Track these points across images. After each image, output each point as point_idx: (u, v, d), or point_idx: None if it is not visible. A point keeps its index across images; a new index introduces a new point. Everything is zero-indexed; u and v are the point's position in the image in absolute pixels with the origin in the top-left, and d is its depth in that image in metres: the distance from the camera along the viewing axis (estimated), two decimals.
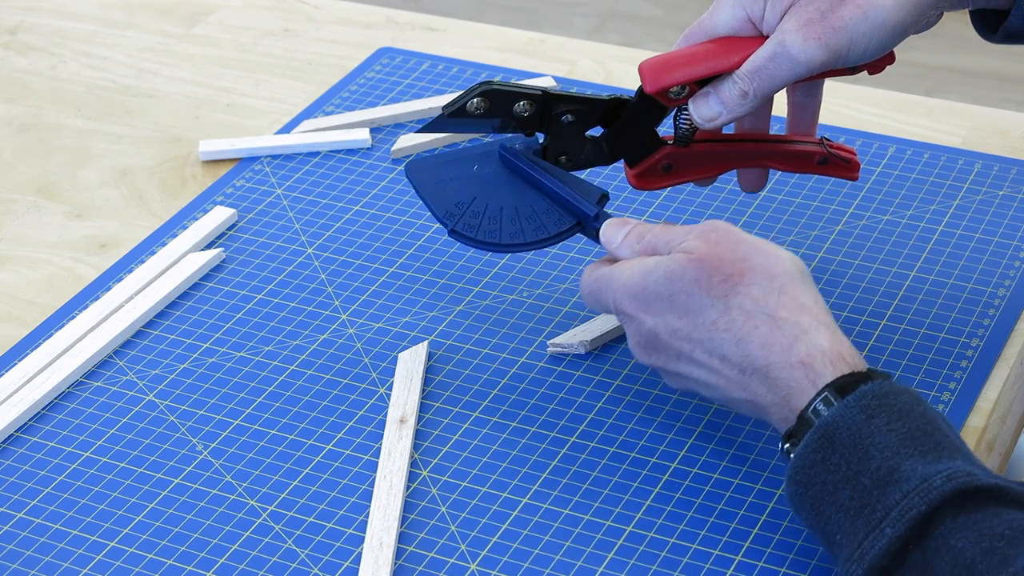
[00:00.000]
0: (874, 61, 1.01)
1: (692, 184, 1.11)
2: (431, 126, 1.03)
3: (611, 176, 1.20)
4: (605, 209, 1.00)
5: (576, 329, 1.08)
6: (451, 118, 1.02)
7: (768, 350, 0.90)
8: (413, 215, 1.19)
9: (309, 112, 1.31)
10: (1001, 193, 1.19)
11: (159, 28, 1.44)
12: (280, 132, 1.29)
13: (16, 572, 0.94)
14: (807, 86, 1.07)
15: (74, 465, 1.00)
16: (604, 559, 0.92)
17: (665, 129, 1.05)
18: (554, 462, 0.99)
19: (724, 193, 1.19)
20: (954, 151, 1.23)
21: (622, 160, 1.06)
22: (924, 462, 0.83)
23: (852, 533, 0.83)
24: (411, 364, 1.05)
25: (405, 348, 1.07)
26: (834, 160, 1.07)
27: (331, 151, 1.27)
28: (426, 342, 1.07)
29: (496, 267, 1.14)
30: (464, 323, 1.09)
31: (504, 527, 0.95)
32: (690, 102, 1.01)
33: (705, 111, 1.01)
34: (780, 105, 1.12)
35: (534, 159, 1.03)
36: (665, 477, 0.97)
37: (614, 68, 1.35)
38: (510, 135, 1.04)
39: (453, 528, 0.95)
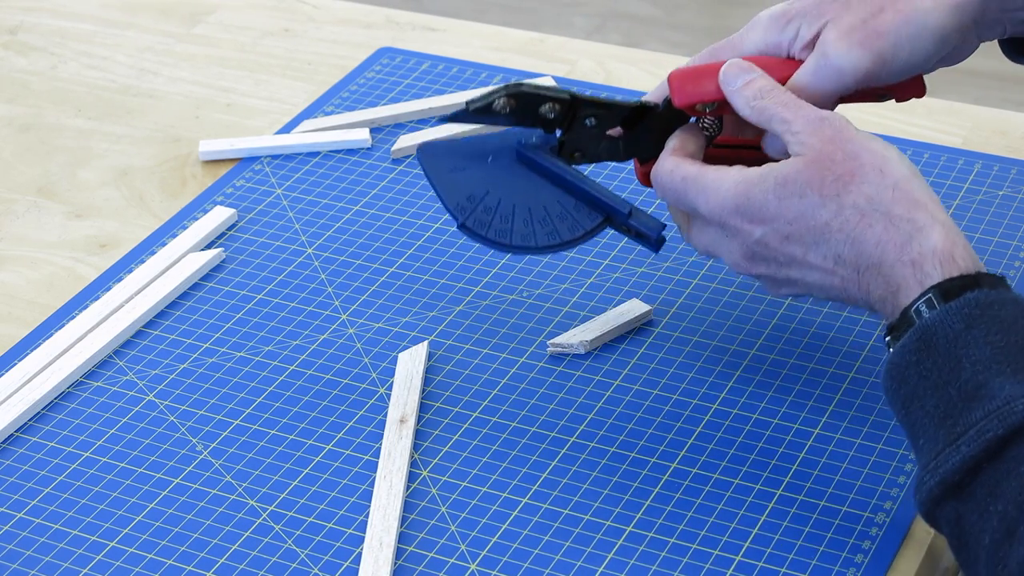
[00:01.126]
0: (904, 85, 1.01)
1: None
2: (452, 117, 1.01)
3: (617, 170, 1.20)
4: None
5: (576, 329, 1.08)
6: (474, 114, 1.00)
7: (883, 248, 0.90)
8: (413, 215, 1.19)
9: (309, 112, 1.31)
10: (1001, 193, 1.19)
11: (159, 28, 1.44)
12: (280, 132, 1.29)
13: (16, 572, 0.94)
14: None
15: (74, 465, 1.00)
16: (604, 559, 0.92)
17: None
18: (554, 462, 0.99)
19: None
20: (954, 151, 1.23)
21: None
22: (1014, 381, 0.83)
23: (933, 441, 0.84)
24: (411, 364, 1.05)
25: (405, 348, 1.07)
26: None
27: (331, 151, 1.27)
28: (426, 342, 1.07)
29: (496, 267, 1.14)
30: (464, 323, 1.09)
31: (504, 527, 0.95)
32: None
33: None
34: None
35: (552, 157, 1.01)
36: (665, 477, 0.97)
37: (614, 68, 1.35)
38: (527, 129, 1.02)
39: (453, 528, 0.95)
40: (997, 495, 0.81)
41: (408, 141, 1.26)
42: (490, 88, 1.00)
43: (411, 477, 0.98)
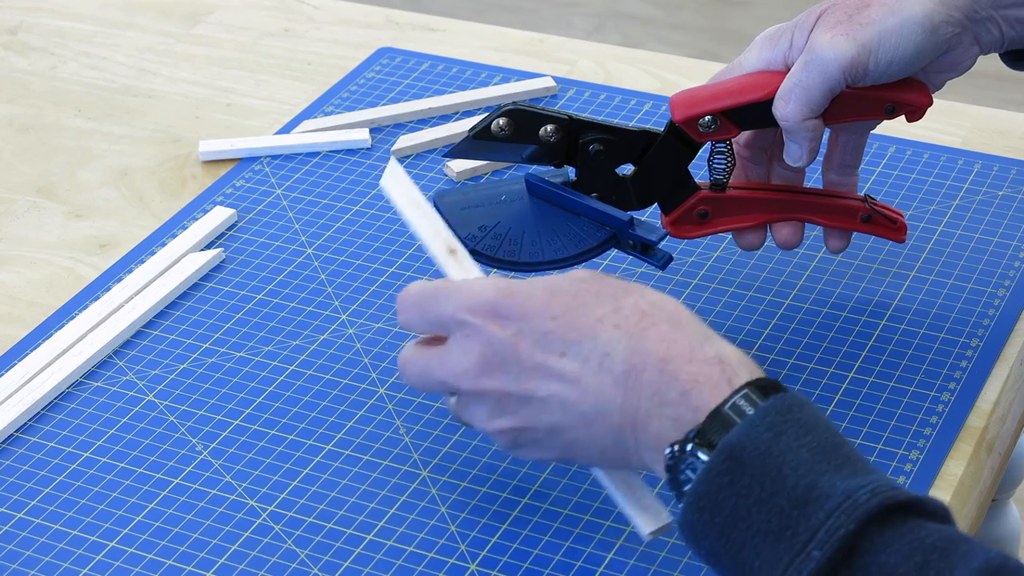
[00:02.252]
0: (909, 97, 1.01)
1: (731, 237, 1.09)
2: (457, 150, 1.02)
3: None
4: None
5: None
6: (477, 140, 1.01)
7: (668, 344, 0.83)
8: None
9: (309, 112, 1.31)
10: (1001, 193, 1.19)
11: (159, 28, 1.44)
12: (280, 132, 1.29)
13: (16, 572, 0.94)
14: (843, 164, 1.06)
15: (74, 465, 1.00)
16: (604, 559, 0.92)
17: (701, 175, 1.04)
18: (554, 462, 0.99)
19: None
20: (954, 151, 1.23)
21: (658, 207, 1.04)
22: (841, 477, 0.78)
23: (775, 559, 0.77)
24: (400, 187, 0.97)
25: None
26: (879, 218, 1.05)
27: (331, 151, 1.27)
28: (392, 159, 1.02)
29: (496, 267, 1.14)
30: None
31: (504, 527, 0.95)
32: (784, 154, 1.00)
33: (788, 157, 1.01)
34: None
35: (562, 186, 1.02)
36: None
37: (614, 68, 1.35)
38: (539, 168, 1.03)
39: (453, 528, 0.95)
40: None
41: (408, 141, 1.26)
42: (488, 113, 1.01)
43: (411, 477, 0.98)
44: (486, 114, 1.01)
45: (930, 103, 1.02)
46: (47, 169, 1.28)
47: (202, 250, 1.17)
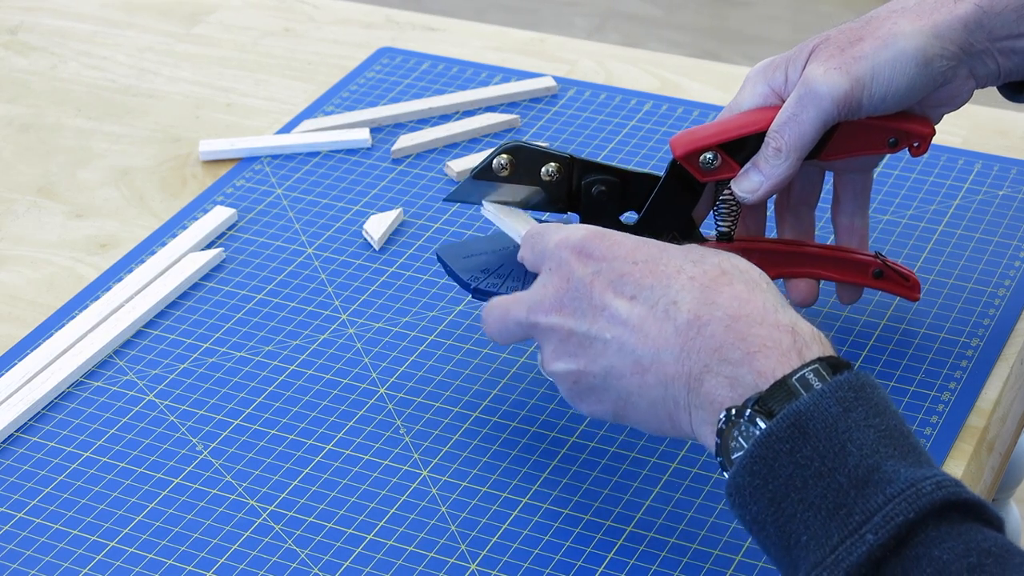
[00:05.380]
0: (912, 127, 1.00)
1: None
2: (459, 193, 1.02)
3: None
4: None
5: None
6: (478, 180, 1.01)
7: (740, 303, 0.83)
8: (413, 215, 1.19)
9: (309, 112, 1.31)
10: (1001, 193, 1.19)
11: (159, 28, 1.44)
12: (280, 132, 1.29)
13: (16, 572, 0.94)
14: (851, 203, 1.05)
15: (74, 465, 1.00)
16: (604, 559, 0.92)
17: (707, 227, 1.04)
18: (554, 462, 0.99)
19: None
20: (954, 151, 1.23)
21: None
22: (905, 465, 0.77)
23: (824, 535, 0.76)
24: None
25: (405, 348, 1.07)
26: (891, 274, 1.04)
27: (331, 151, 1.27)
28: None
29: None
30: (464, 323, 1.09)
31: (504, 527, 0.95)
32: (733, 180, 0.99)
33: (745, 183, 0.99)
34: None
35: None
36: (665, 477, 0.97)
37: (614, 68, 1.35)
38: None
39: (453, 528, 0.95)
40: None
41: (408, 141, 1.26)
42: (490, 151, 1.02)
43: (411, 477, 0.98)
44: (488, 151, 1.01)
45: (933, 133, 1.01)
46: (47, 169, 1.28)
47: (202, 250, 1.17)
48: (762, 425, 0.79)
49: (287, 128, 1.29)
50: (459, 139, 1.27)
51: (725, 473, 0.81)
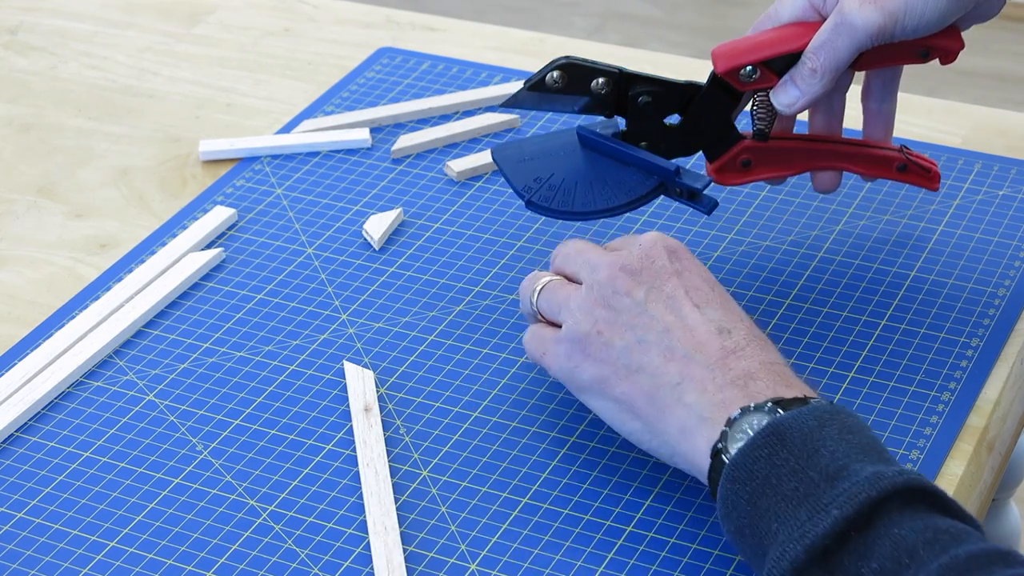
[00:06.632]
0: (941, 43, 1.04)
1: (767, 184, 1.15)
2: (512, 101, 1.07)
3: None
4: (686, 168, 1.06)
5: None
6: (532, 91, 1.06)
7: (783, 364, 0.90)
8: (413, 215, 1.19)
9: (309, 112, 1.31)
10: (1001, 193, 1.19)
11: (159, 28, 1.44)
12: (280, 132, 1.29)
13: (16, 572, 0.94)
14: (880, 90, 1.10)
15: (74, 465, 1.00)
16: (604, 559, 0.92)
17: (744, 124, 1.08)
18: (554, 462, 0.99)
19: (725, 192, 1.19)
20: (954, 151, 1.23)
21: (703, 155, 1.09)
22: (872, 463, 0.82)
23: (793, 519, 0.81)
24: (358, 380, 1.05)
25: (405, 348, 1.07)
26: (914, 167, 1.10)
27: (331, 151, 1.27)
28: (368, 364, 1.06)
29: (496, 267, 1.14)
30: (464, 323, 1.09)
31: (504, 527, 0.95)
32: (771, 93, 1.05)
33: (783, 97, 1.04)
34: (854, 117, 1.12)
35: (612, 137, 1.08)
36: (665, 477, 0.97)
37: None
38: (590, 120, 1.09)
39: (453, 528, 0.95)
40: (869, 556, 0.79)
41: (408, 141, 1.26)
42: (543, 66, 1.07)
43: (411, 477, 0.98)
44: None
45: (962, 46, 1.05)
46: (47, 169, 1.28)
47: (202, 250, 1.17)
48: (750, 433, 0.85)
49: (287, 128, 1.29)
50: (459, 139, 1.27)
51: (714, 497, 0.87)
